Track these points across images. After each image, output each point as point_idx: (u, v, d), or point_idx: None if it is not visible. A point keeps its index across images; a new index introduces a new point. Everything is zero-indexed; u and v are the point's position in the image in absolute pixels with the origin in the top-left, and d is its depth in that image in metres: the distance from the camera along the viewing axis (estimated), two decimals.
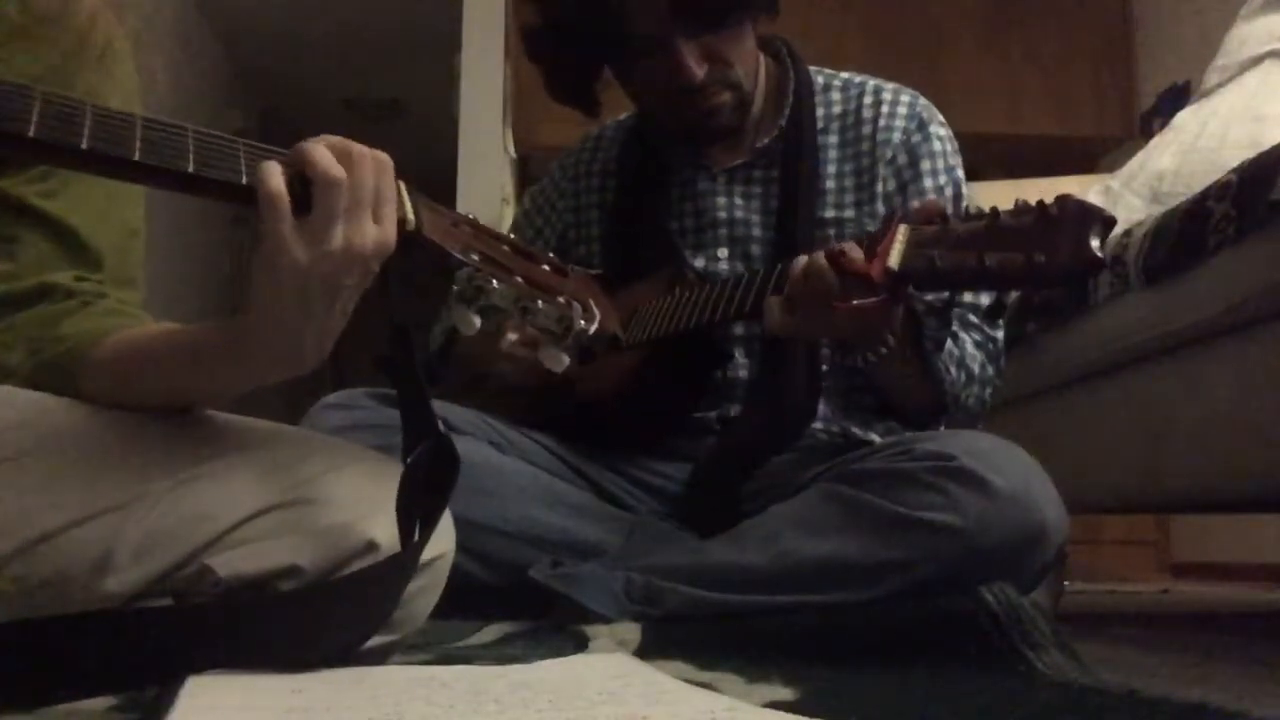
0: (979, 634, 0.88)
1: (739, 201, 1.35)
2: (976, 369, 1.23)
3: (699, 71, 1.22)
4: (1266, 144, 1.27)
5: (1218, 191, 1.29)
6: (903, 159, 1.30)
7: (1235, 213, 1.24)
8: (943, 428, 1.27)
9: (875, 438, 1.30)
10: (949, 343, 1.19)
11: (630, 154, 1.42)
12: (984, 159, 3.40)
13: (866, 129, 1.33)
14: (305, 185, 0.70)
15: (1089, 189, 1.90)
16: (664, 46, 1.21)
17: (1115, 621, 1.73)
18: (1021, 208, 0.91)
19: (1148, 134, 3.04)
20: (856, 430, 1.30)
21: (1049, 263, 0.87)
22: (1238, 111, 1.75)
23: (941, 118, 1.35)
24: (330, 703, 0.58)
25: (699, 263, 1.33)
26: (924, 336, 1.14)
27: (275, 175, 0.69)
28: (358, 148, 0.72)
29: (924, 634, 0.91)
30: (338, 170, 0.70)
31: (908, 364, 1.14)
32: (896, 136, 1.31)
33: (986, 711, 0.65)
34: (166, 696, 0.57)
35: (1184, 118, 1.86)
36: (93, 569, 0.73)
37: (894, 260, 0.94)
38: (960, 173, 1.33)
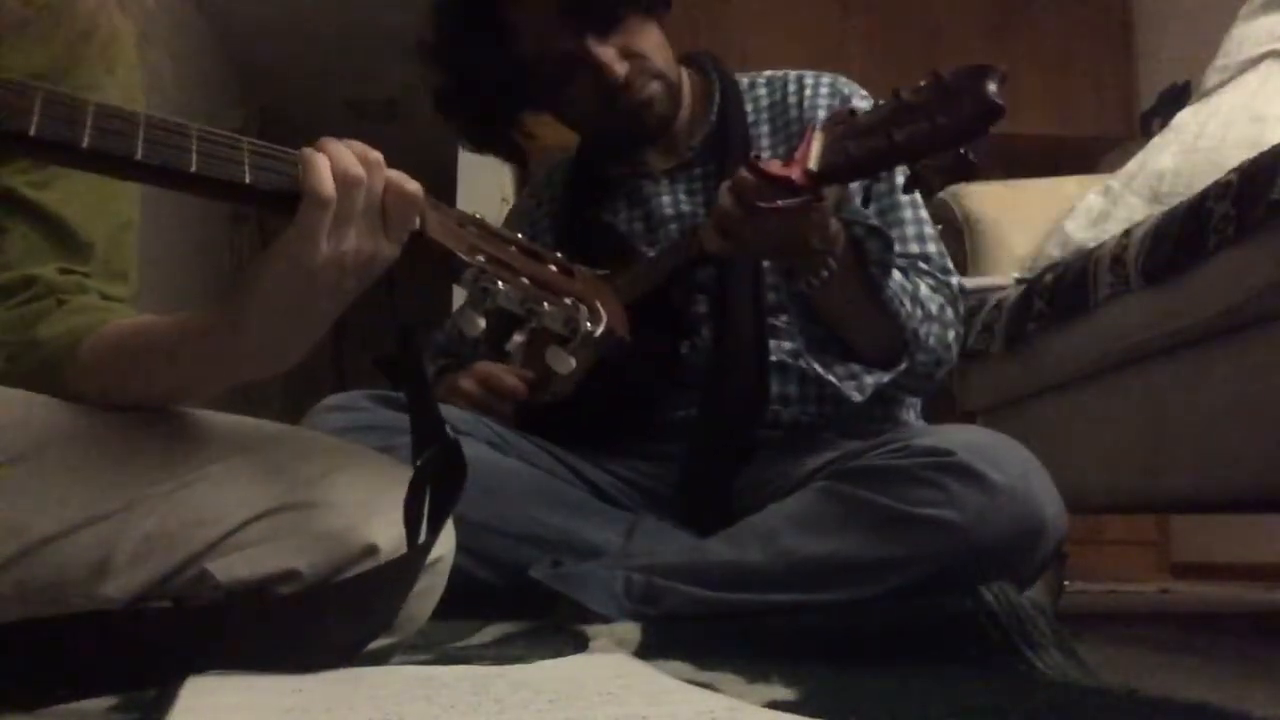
0: (979, 634, 0.88)
1: (684, 198, 1.39)
2: (934, 308, 1.23)
3: (620, 69, 1.27)
4: (1266, 144, 1.27)
5: (1218, 191, 1.29)
6: None
7: (1235, 213, 1.24)
8: (905, 364, 1.22)
9: (833, 379, 1.25)
10: (901, 277, 1.20)
11: (577, 170, 1.48)
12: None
13: (794, 113, 1.38)
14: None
15: (1089, 189, 1.89)
16: (581, 58, 1.27)
17: (1115, 621, 1.73)
18: (921, 86, 0.98)
19: (1148, 134, 3.03)
20: (818, 368, 1.25)
21: (952, 121, 0.95)
22: (1238, 111, 1.74)
23: (864, 92, 1.39)
24: (330, 703, 0.58)
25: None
26: (868, 261, 1.15)
27: (326, 172, 0.69)
28: (373, 152, 0.72)
29: (924, 634, 0.91)
30: (358, 170, 0.71)
31: (852, 285, 1.15)
32: (821, 114, 1.35)
33: (986, 711, 0.65)
34: (166, 696, 0.57)
35: (1184, 118, 1.85)
36: (92, 573, 0.73)
37: (813, 162, 1.01)
38: None
